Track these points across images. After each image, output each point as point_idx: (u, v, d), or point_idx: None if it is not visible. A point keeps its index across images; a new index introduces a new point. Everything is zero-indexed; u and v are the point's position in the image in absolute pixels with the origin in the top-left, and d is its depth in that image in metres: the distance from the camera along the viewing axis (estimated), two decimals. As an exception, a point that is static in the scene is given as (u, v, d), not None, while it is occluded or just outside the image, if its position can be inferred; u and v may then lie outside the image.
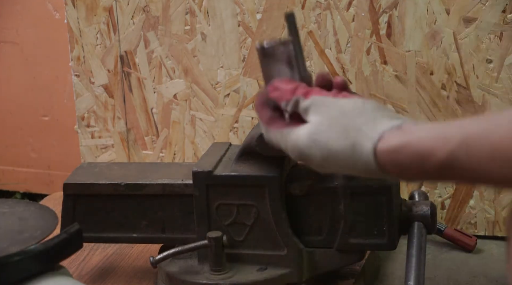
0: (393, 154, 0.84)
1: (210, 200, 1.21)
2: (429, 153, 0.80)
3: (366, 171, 0.87)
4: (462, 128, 0.79)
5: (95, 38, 1.66)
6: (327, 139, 0.89)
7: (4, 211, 1.13)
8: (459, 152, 0.77)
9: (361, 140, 0.86)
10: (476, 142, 0.76)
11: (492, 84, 1.43)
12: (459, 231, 1.46)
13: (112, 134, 1.70)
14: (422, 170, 0.81)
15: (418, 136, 0.82)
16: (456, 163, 0.78)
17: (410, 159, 0.82)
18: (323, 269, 1.22)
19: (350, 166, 0.88)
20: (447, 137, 0.79)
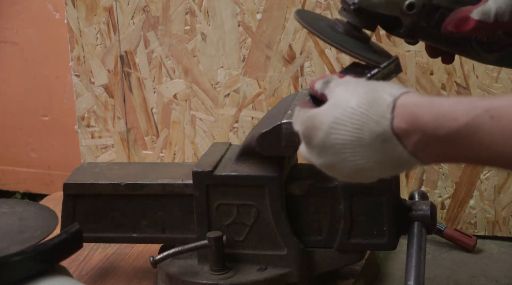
0: (413, 108, 0.81)
1: (210, 200, 1.21)
2: (451, 114, 0.78)
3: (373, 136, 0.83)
4: (488, 100, 0.78)
5: (95, 38, 1.66)
6: (348, 99, 0.86)
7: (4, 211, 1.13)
8: (482, 118, 0.76)
9: (382, 95, 0.84)
10: (502, 112, 0.76)
11: (492, 84, 1.43)
12: (459, 231, 1.46)
13: (112, 134, 1.70)
14: (439, 132, 0.79)
15: (441, 99, 0.81)
16: (477, 130, 0.76)
17: (430, 116, 0.80)
18: (323, 269, 1.22)
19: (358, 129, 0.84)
20: (472, 104, 0.78)
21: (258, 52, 1.55)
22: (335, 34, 1.04)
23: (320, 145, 0.87)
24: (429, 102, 0.81)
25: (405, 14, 1.01)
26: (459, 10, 1.02)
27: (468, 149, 0.78)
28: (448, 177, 1.50)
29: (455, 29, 1.02)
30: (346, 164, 0.86)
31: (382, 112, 0.83)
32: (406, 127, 0.81)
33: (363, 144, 0.84)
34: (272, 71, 1.55)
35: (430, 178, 1.51)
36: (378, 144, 0.83)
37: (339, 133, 0.85)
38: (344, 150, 0.85)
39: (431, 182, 1.51)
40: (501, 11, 1.00)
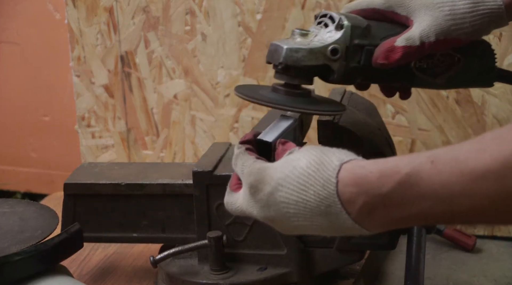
0: (358, 170, 0.80)
1: (210, 200, 1.21)
2: (394, 168, 0.78)
3: (318, 200, 0.82)
4: (431, 150, 0.78)
5: (96, 38, 1.66)
6: (299, 158, 0.85)
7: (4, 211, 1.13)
8: (424, 165, 0.76)
9: (330, 158, 0.83)
10: (441, 157, 0.76)
11: (492, 84, 1.43)
12: (458, 231, 1.46)
13: (113, 134, 1.71)
14: (383, 190, 0.78)
15: (387, 158, 0.80)
16: (417, 178, 0.76)
17: (374, 175, 0.79)
18: (323, 269, 1.22)
19: (303, 191, 0.83)
20: (415, 156, 0.78)
21: (258, 52, 1.55)
22: (278, 97, 1.04)
23: (265, 200, 0.87)
24: (374, 162, 0.80)
25: (331, 60, 1.01)
26: (384, 42, 1.02)
27: (411, 203, 0.77)
28: (447, 177, 1.50)
29: (385, 60, 1.01)
30: (289, 223, 0.86)
31: (328, 175, 0.82)
32: (351, 190, 0.80)
33: (307, 206, 0.83)
34: (272, 71, 1.55)
35: (430, 178, 1.51)
36: (323, 208, 0.82)
37: (285, 191, 0.85)
38: (287, 209, 0.85)
39: (431, 182, 1.51)
40: (425, 32, 1.00)
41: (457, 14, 1.00)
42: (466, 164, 0.74)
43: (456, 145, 0.77)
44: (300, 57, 1.01)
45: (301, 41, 1.02)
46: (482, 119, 1.44)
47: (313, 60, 1.02)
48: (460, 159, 0.74)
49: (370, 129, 1.20)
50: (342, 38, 1.01)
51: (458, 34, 1.01)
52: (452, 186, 0.74)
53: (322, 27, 1.03)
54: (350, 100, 1.25)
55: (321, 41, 1.02)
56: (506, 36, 1.40)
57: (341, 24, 1.01)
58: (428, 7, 1.01)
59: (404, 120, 1.49)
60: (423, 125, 1.48)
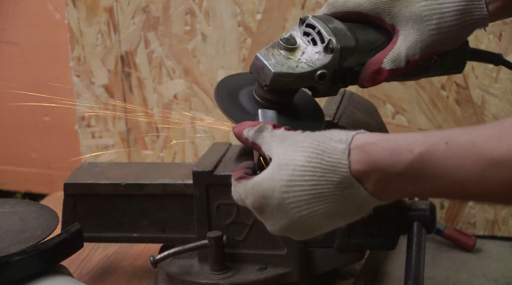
0: (368, 147, 0.80)
1: (210, 200, 1.21)
2: (406, 146, 0.77)
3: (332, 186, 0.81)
4: (445, 130, 0.78)
5: (96, 39, 1.66)
6: (293, 157, 0.82)
7: (5, 210, 1.13)
8: (438, 146, 0.76)
9: (333, 145, 0.81)
10: (457, 138, 0.75)
11: (492, 84, 1.43)
12: (458, 231, 1.46)
13: (113, 134, 1.71)
14: (396, 168, 0.77)
15: (396, 135, 0.80)
16: (431, 159, 0.76)
17: (386, 153, 0.78)
18: (323, 268, 1.22)
19: (315, 184, 0.81)
20: (428, 135, 0.77)
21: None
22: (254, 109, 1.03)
23: (275, 212, 0.84)
24: (384, 139, 0.80)
25: (318, 83, 1.00)
26: (370, 63, 1.01)
27: (425, 181, 0.77)
28: (447, 177, 1.50)
29: (371, 83, 1.01)
30: (305, 226, 0.84)
31: (337, 160, 0.80)
32: (364, 168, 0.80)
33: (322, 198, 0.82)
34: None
35: (430, 178, 1.51)
36: (338, 193, 0.81)
37: (294, 195, 0.82)
38: (300, 212, 0.83)
39: (431, 182, 1.51)
40: (412, 52, 0.99)
41: (443, 27, 0.99)
42: (483, 149, 0.73)
43: (472, 127, 0.76)
44: (287, 82, 0.99)
45: (287, 59, 0.99)
46: (482, 119, 1.45)
47: (300, 83, 1.00)
48: (477, 144, 0.73)
49: (370, 129, 1.20)
50: (331, 62, 0.99)
51: (442, 46, 1.01)
52: (468, 170, 0.74)
53: (310, 42, 1.00)
54: (350, 100, 1.25)
55: (308, 64, 0.99)
56: (506, 36, 1.40)
57: (331, 47, 0.99)
58: (416, 21, 1.00)
59: (404, 120, 1.49)
60: (423, 125, 1.48)
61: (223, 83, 1.07)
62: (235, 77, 1.15)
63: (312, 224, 0.84)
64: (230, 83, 1.08)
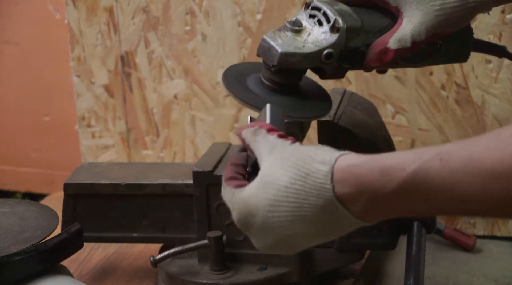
0: (354, 169, 0.77)
1: (210, 200, 1.21)
2: (397, 166, 0.74)
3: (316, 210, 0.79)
4: (436, 146, 0.74)
5: (96, 38, 1.66)
6: (277, 176, 0.81)
7: (5, 210, 1.13)
8: (432, 163, 0.73)
9: (314, 166, 0.79)
10: (451, 154, 0.73)
11: (492, 84, 1.43)
12: (458, 231, 1.46)
13: (113, 134, 1.71)
14: (387, 188, 0.75)
15: (384, 154, 0.77)
16: (426, 176, 0.73)
17: (375, 174, 0.75)
18: (323, 268, 1.22)
19: (298, 207, 0.79)
20: (420, 152, 0.75)
21: (258, 52, 1.55)
22: (263, 97, 1.02)
23: (259, 231, 0.83)
24: (370, 159, 0.77)
25: (325, 63, 1.00)
26: (376, 43, 1.01)
27: (418, 199, 0.75)
28: (447, 177, 1.50)
29: (377, 63, 1.01)
30: (290, 244, 0.83)
31: (320, 183, 0.78)
32: (351, 191, 0.77)
33: (305, 220, 0.80)
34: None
35: (430, 178, 1.51)
36: (323, 217, 0.79)
37: (278, 216, 0.81)
38: (285, 231, 0.81)
39: (431, 182, 1.51)
40: (417, 32, 0.99)
41: (447, 8, 1.00)
42: (483, 163, 0.70)
43: (467, 141, 0.73)
44: (294, 61, 1.00)
45: (294, 39, 1.00)
46: (482, 119, 1.45)
47: (307, 63, 1.01)
48: (476, 158, 0.71)
49: (370, 129, 1.20)
50: (337, 42, 1.00)
51: (447, 27, 1.01)
52: (467, 186, 0.71)
53: (316, 23, 1.02)
54: (350, 100, 1.25)
55: (315, 44, 1.00)
56: (506, 36, 1.40)
57: (337, 27, 1.00)
58: (420, 2, 1.00)
59: (404, 120, 1.49)
60: (423, 125, 1.48)
61: (231, 69, 1.08)
62: (243, 64, 1.15)
63: (297, 243, 0.84)
64: (238, 69, 1.09)
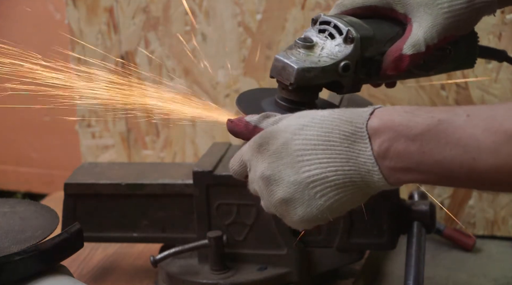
0: (391, 110, 0.82)
1: (210, 200, 1.21)
2: (428, 113, 0.80)
3: (346, 135, 0.82)
4: (464, 107, 0.80)
5: (96, 39, 1.66)
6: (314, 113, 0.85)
7: (5, 210, 1.13)
8: (459, 117, 0.78)
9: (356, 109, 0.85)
10: (477, 113, 0.78)
11: (491, 84, 1.43)
12: (458, 231, 1.46)
13: (113, 134, 1.71)
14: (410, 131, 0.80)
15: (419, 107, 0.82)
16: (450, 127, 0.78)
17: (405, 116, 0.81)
18: (323, 268, 1.22)
19: (330, 132, 0.83)
20: (450, 108, 0.81)
21: (258, 52, 1.55)
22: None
23: (277, 152, 0.84)
24: (409, 108, 0.82)
25: (343, 76, 0.99)
26: (390, 51, 1.01)
27: (435, 147, 0.79)
28: (447, 177, 1.50)
29: (394, 71, 1.01)
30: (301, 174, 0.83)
31: (359, 113, 0.83)
32: (378, 125, 0.82)
33: (328, 146, 0.82)
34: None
35: (430, 178, 1.51)
36: (345, 145, 0.82)
37: (303, 137, 0.83)
38: (302, 156, 0.83)
39: (431, 182, 1.51)
40: (429, 35, 0.99)
41: (455, 10, 1.00)
42: (502, 123, 0.76)
43: (494, 105, 0.79)
44: (312, 77, 0.97)
45: (307, 55, 0.98)
46: (482, 119, 1.45)
47: (325, 78, 0.98)
48: (497, 118, 0.76)
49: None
50: (352, 52, 0.98)
51: (456, 30, 1.01)
52: (482, 140, 0.76)
53: (327, 37, 0.99)
54: (350, 100, 1.25)
55: (330, 57, 0.98)
56: (505, 36, 1.40)
57: (351, 37, 0.98)
58: (427, 5, 1.00)
59: (404, 120, 1.49)
60: (423, 125, 1.48)
61: (243, 95, 1.06)
62: (254, 91, 1.14)
63: (308, 176, 0.83)
64: (250, 95, 1.07)
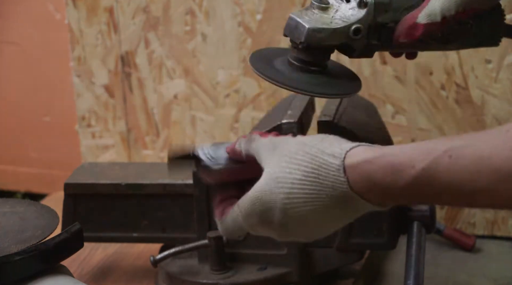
0: (365, 165, 0.79)
1: (210, 200, 1.21)
2: (407, 163, 0.76)
3: (333, 199, 0.80)
4: (446, 141, 0.76)
5: (96, 38, 1.66)
6: (289, 171, 0.82)
7: (5, 210, 1.13)
8: (441, 160, 0.74)
9: (327, 159, 0.80)
10: (460, 151, 0.74)
11: (491, 84, 1.43)
12: (458, 231, 1.46)
13: (113, 134, 1.71)
14: (397, 185, 0.77)
15: (393, 149, 0.79)
16: (435, 173, 0.75)
17: (384, 171, 0.77)
18: (323, 268, 1.22)
19: (315, 198, 0.81)
20: (429, 148, 0.76)
21: (258, 52, 1.55)
22: (291, 76, 1.01)
23: (281, 224, 0.84)
24: (381, 155, 0.78)
25: (353, 39, 0.99)
26: (405, 19, 1.00)
27: (428, 194, 0.77)
28: (447, 177, 1.50)
29: (407, 38, 1.00)
30: (310, 230, 0.85)
31: (334, 177, 0.80)
32: (363, 186, 0.79)
33: (325, 210, 0.82)
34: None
35: (430, 178, 1.51)
36: (340, 205, 0.81)
37: (296, 207, 0.82)
38: (306, 221, 0.83)
39: (431, 182, 1.51)
40: (446, 6, 0.97)
41: None
42: (491, 162, 0.72)
43: (474, 136, 0.75)
44: (322, 37, 0.98)
45: (321, 16, 0.98)
46: (482, 119, 1.45)
47: (335, 39, 0.99)
48: (484, 156, 0.72)
49: (370, 129, 1.20)
50: (365, 17, 0.98)
51: (477, 3, 0.99)
52: (475, 183, 0.73)
53: (343, 1, 1.00)
54: (350, 100, 1.25)
55: (343, 19, 0.98)
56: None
57: (365, 1, 0.98)
58: None
59: (404, 120, 1.49)
60: (423, 125, 1.48)
61: (256, 53, 1.06)
62: (268, 49, 1.14)
63: (319, 229, 0.85)
64: (263, 53, 1.08)
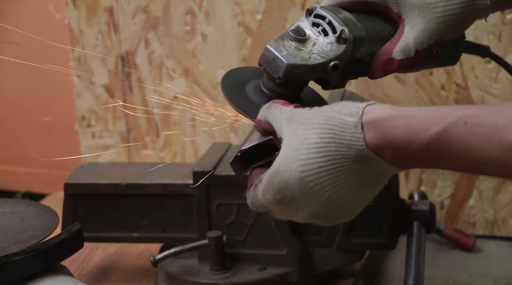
0: (381, 122, 0.79)
1: (210, 200, 1.21)
2: (422, 125, 0.77)
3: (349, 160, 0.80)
4: (462, 108, 0.77)
5: (96, 39, 1.66)
6: (304, 137, 0.82)
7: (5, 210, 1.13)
8: (456, 125, 0.75)
9: (343, 118, 0.81)
10: (476, 119, 0.75)
11: (491, 84, 1.43)
12: (458, 231, 1.46)
13: (113, 134, 1.71)
14: (411, 146, 0.77)
15: (410, 111, 0.79)
16: (449, 138, 0.75)
17: (399, 130, 0.78)
18: (323, 268, 1.22)
19: (331, 160, 0.80)
20: (445, 112, 0.77)
21: (258, 52, 1.55)
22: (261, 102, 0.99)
23: (300, 197, 0.83)
24: (398, 114, 0.79)
25: (331, 75, 0.98)
26: (380, 53, 1.00)
27: (441, 158, 0.77)
28: (447, 177, 1.50)
29: (383, 73, 1.00)
30: (331, 204, 0.83)
31: (350, 134, 0.80)
32: (378, 143, 0.79)
33: (341, 173, 0.81)
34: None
35: (430, 178, 1.51)
36: (357, 166, 0.81)
37: (313, 173, 0.82)
38: (323, 189, 0.82)
39: (431, 182, 1.51)
40: (419, 40, 0.98)
41: (448, 15, 0.99)
42: (505, 134, 0.73)
43: (492, 106, 0.76)
44: (300, 73, 0.96)
45: (299, 50, 0.97)
46: (482, 119, 1.44)
47: (313, 75, 0.98)
48: (499, 127, 0.73)
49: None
50: (344, 53, 0.97)
51: (447, 35, 1.01)
52: (488, 152, 0.74)
53: (320, 33, 0.98)
54: (350, 100, 1.25)
55: (321, 55, 0.97)
56: (505, 36, 1.40)
57: (344, 38, 0.97)
58: (422, 8, 0.99)
59: (404, 120, 1.49)
60: (423, 125, 1.48)
61: (229, 76, 1.06)
62: (240, 70, 1.14)
63: (338, 203, 0.84)
64: (236, 76, 1.07)
